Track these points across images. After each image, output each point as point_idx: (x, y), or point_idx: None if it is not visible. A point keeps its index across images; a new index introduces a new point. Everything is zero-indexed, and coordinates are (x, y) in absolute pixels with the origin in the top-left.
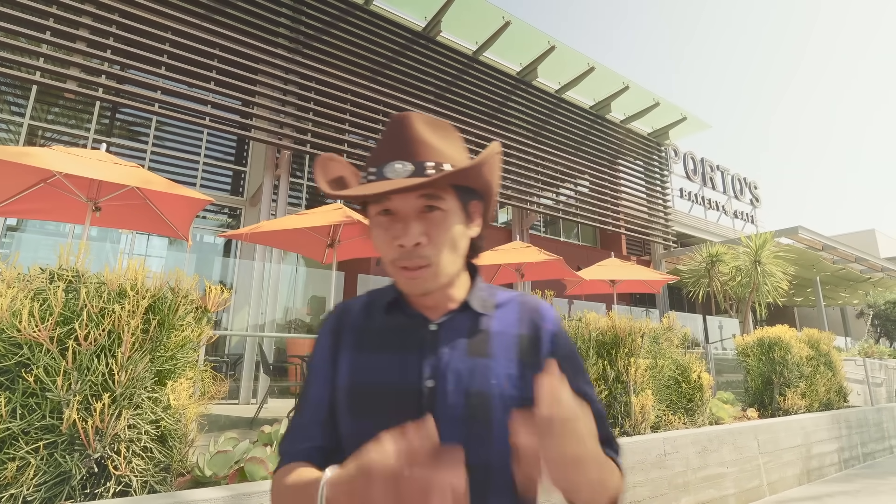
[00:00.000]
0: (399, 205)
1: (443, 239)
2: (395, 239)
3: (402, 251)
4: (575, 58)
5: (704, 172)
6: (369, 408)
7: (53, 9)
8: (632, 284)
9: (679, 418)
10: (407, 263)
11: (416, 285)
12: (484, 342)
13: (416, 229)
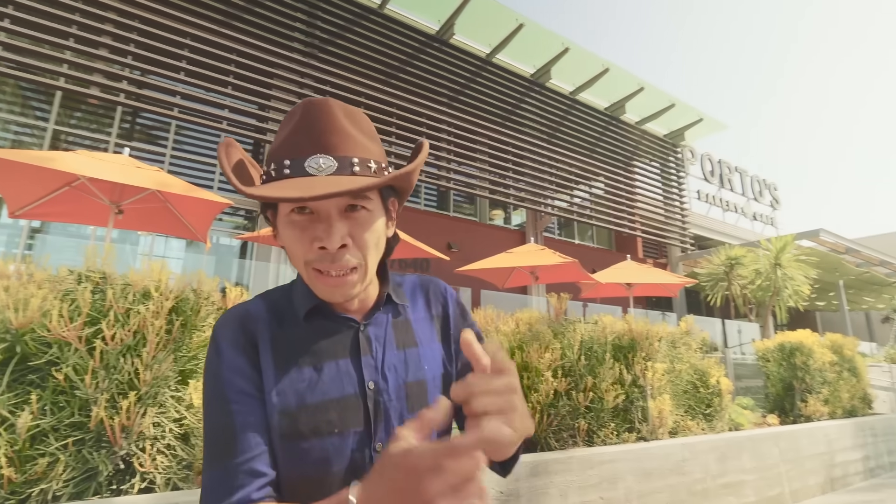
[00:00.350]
0: (320, 203)
1: (369, 240)
2: (316, 241)
3: (322, 254)
4: (589, 59)
5: (722, 174)
6: (313, 427)
7: (77, 16)
8: (648, 288)
9: (697, 424)
10: (329, 268)
11: (338, 293)
12: (408, 331)
13: (341, 230)
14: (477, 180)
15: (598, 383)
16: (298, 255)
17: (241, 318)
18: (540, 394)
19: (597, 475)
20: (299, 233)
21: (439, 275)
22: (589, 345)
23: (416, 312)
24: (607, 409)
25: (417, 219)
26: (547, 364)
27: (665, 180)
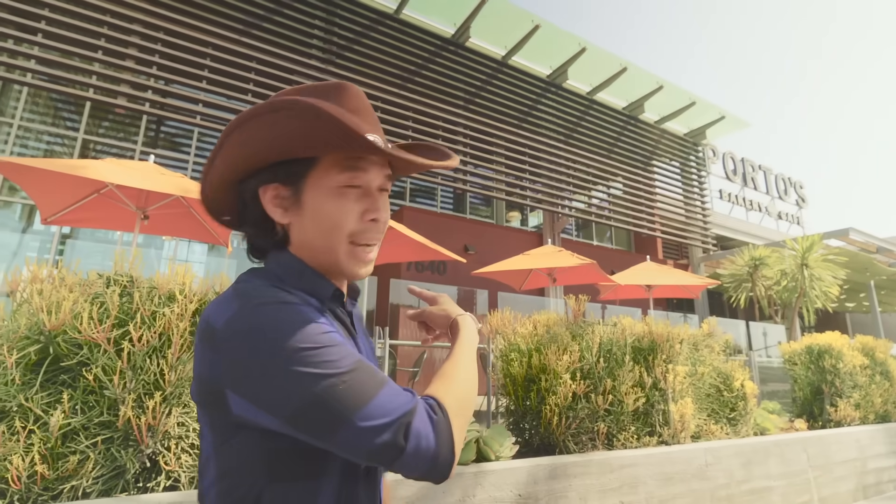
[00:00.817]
0: (373, 178)
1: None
2: (368, 213)
3: (371, 226)
4: (606, 59)
5: (745, 172)
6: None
7: (105, 30)
8: (669, 289)
9: (721, 428)
10: (375, 239)
11: (365, 269)
12: (360, 320)
13: (386, 205)
14: (493, 182)
15: (618, 386)
16: (343, 227)
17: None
18: (558, 396)
19: (617, 479)
20: (352, 204)
21: (456, 277)
22: (608, 347)
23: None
24: (627, 412)
25: (434, 221)
26: (565, 366)
27: (686, 180)
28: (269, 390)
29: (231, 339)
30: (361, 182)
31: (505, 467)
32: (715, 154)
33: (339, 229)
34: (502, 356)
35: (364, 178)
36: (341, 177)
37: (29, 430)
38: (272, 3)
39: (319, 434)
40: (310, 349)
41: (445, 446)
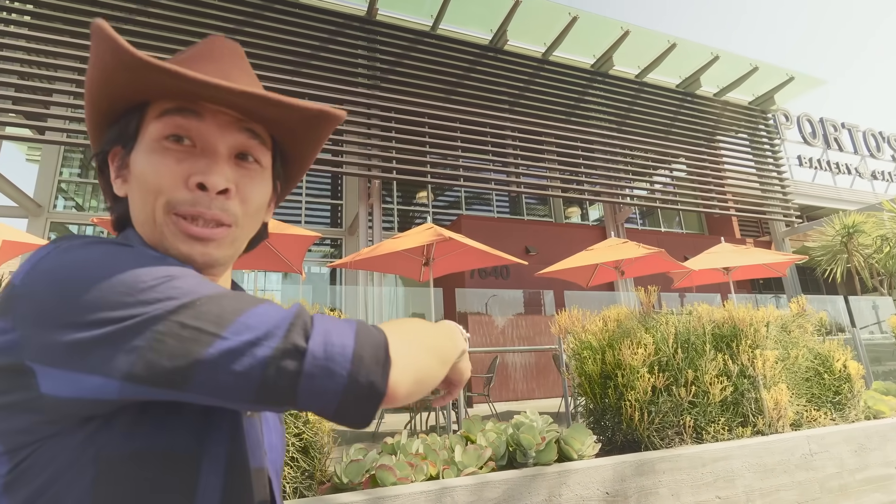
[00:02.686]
0: (210, 133)
1: (254, 198)
2: (195, 175)
3: (198, 195)
4: (652, 38)
5: (826, 133)
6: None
7: None
8: (750, 270)
9: (825, 414)
10: (200, 212)
11: (199, 250)
12: None
13: (227, 173)
14: (547, 180)
15: (700, 376)
16: (160, 193)
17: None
18: (637, 391)
19: (710, 473)
20: (172, 164)
21: (520, 280)
22: (685, 336)
23: None
24: (714, 402)
25: (491, 227)
26: (641, 360)
27: (756, 151)
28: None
29: (35, 286)
30: (190, 134)
31: (589, 466)
32: (788, 119)
33: (153, 194)
34: (574, 355)
35: (194, 128)
36: (159, 125)
37: None
38: (318, 42)
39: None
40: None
41: (370, 356)
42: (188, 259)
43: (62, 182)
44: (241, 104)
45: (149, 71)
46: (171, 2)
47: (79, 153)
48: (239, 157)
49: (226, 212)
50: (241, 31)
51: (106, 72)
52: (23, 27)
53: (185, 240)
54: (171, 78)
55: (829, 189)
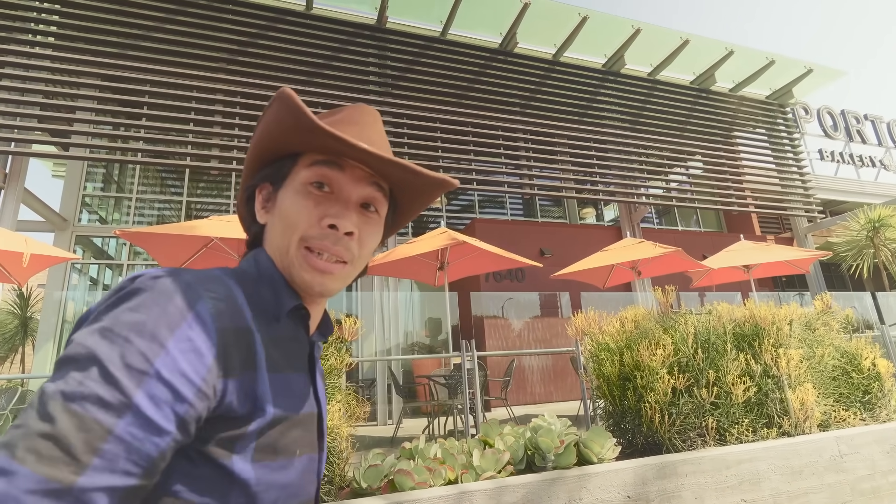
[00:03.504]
0: (346, 184)
1: (370, 242)
2: (328, 217)
3: (327, 233)
4: (664, 35)
5: (848, 126)
6: (290, 442)
7: (193, 104)
8: (772, 267)
9: (854, 414)
10: (327, 248)
11: (322, 280)
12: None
13: (354, 218)
14: (561, 182)
15: (722, 377)
16: (298, 228)
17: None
18: (657, 393)
19: (734, 476)
20: (312, 205)
21: (535, 282)
22: (705, 336)
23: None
24: (737, 403)
25: (506, 229)
26: (660, 361)
27: (775, 146)
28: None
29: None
30: (331, 183)
31: (609, 469)
32: (808, 112)
33: (291, 228)
34: (592, 357)
35: (335, 178)
36: (308, 173)
37: None
38: (329, 51)
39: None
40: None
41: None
42: (307, 287)
43: (86, 196)
44: (375, 165)
45: (322, 135)
46: (189, 18)
47: (101, 168)
48: (363, 206)
49: (348, 251)
50: (255, 43)
51: (283, 130)
52: (47, 48)
53: (310, 270)
54: (334, 141)
55: (852, 182)
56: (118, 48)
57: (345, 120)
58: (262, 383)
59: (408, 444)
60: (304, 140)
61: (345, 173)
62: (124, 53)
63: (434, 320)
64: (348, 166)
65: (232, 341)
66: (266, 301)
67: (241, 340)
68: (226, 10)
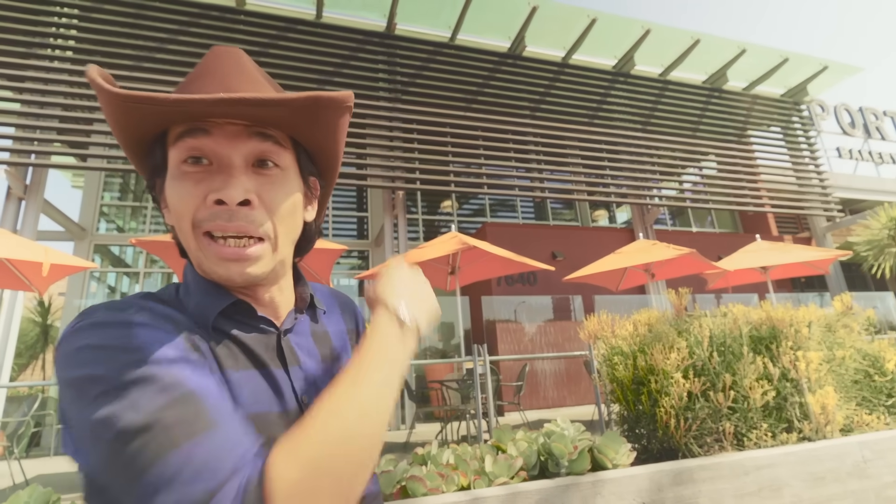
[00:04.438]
0: (221, 147)
1: (280, 203)
2: (212, 193)
3: (218, 210)
4: (675, 35)
5: (867, 122)
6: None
7: None
8: (789, 268)
9: (878, 418)
10: (225, 227)
11: (236, 269)
12: (328, 343)
13: (245, 183)
14: (572, 184)
15: (739, 381)
16: (186, 216)
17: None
18: (672, 397)
19: (754, 482)
20: (191, 186)
21: (548, 286)
22: (721, 339)
23: (332, 324)
24: (755, 408)
25: (517, 233)
26: (674, 365)
27: (791, 144)
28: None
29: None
30: (204, 152)
31: (624, 475)
32: (824, 109)
33: (182, 219)
34: (605, 361)
35: (205, 146)
36: (176, 151)
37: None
38: (340, 59)
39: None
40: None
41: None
42: (229, 281)
43: (104, 206)
44: (243, 112)
45: (132, 102)
46: (201, 29)
47: (118, 178)
48: (258, 164)
49: (252, 223)
50: (266, 52)
51: (108, 114)
52: (65, 62)
53: (220, 262)
54: (149, 104)
55: (872, 180)
56: (133, 60)
57: (198, 74)
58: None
59: (420, 449)
60: (133, 118)
61: (213, 136)
62: (139, 66)
63: (446, 325)
64: (215, 127)
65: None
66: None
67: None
68: (238, 20)
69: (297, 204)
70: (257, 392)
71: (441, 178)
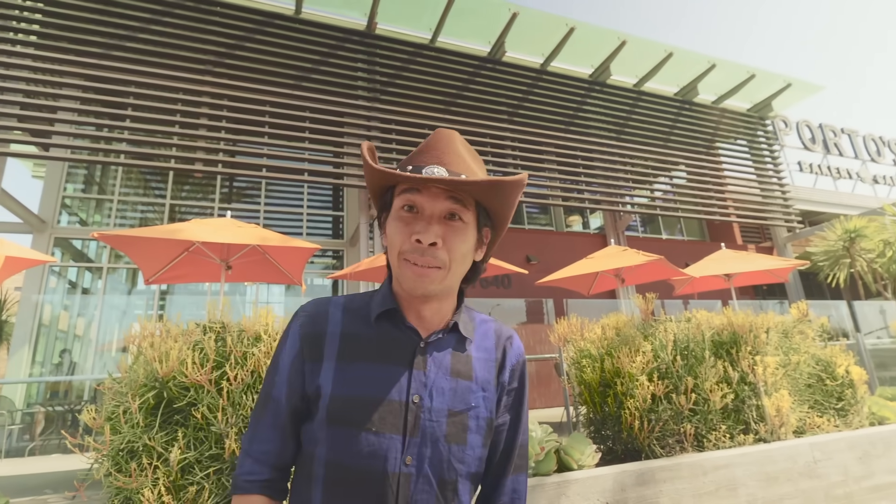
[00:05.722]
0: (426, 203)
1: (457, 247)
2: (415, 234)
3: (416, 246)
4: (649, 47)
5: (826, 139)
6: (352, 417)
7: (179, 105)
8: (752, 276)
9: (829, 421)
10: (417, 260)
11: (421, 283)
12: (466, 364)
13: (437, 230)
14: (548, 189)
15: (700, 383)
16: (396, 245)
17: (312, 313)
18: (636, 399)
19: (712, 482)
20: (403, 226)
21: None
22: (684, 343)
23: (480, 352)
24: (715, 410)
25: None
26: (640, 368)
27: (756, 157)
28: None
29: None
30: (415, 205)
31: (589, 475)
32: (787, 125)
33: (393, 248)
34: (574, 363)
35: (417, 201)
36: (398, 200)
37: (154, 465)
38: (318, 56)
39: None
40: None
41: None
42: (411, 289)
43: (66, 198)
44: (444, 183)
45: (380, 175)
46: (175, 19)
47: (82, 169)
48: (449, 217)
49: (436, 258)
50: (243, 46)
51: (366, 175)
52: (29, 47)
53: (408, 276)
54: (391, 178)
55: (830, 194)
56: (102, 48)
57: (423, 149)
58: (326, 372)
59: None
60: (383, 179)
61: (423, 195)
62: (108, 54)
63: None
64: (425, 188)
65: (308, 341)
66: (360, 309)
67: (314, 341)
68: (213, 12)
69: (470, 248)
70: (376, 378)
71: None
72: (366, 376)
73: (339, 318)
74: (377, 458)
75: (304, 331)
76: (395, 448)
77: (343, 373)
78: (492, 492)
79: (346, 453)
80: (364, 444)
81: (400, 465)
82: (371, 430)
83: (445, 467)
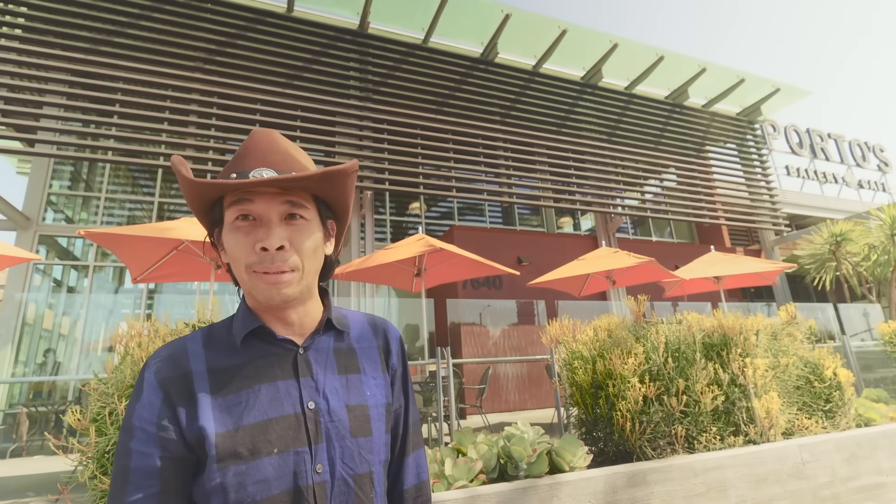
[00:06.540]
0: (262, 208)
1: (306, 245)
2: (258, 242)
3: (263, 255)
4: (641, 50)
5: (813, 144)
6: (247, 449)
7: (168, 102)
8: (740, 278)
9: (816, 422)
10: (268, 268)
11: (278, 290)
12: (352, 358)
13: (280, 233)
14: (539, 191)
15: (691, 385)
16: (241, 260)
17: (171, 357)
18: (628, 401)
19: (702, 483)
20: (242, 237)
21: (513, 290)
22: (675, 346)
23: (360, 342)
24: (706, 412)
25: (484, 237)
26: (631, 370)
27: (745, 161)
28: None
29: None
30: (251, 212)
31: (580, 477)
32: (776, 129)
33: (238, 263)
34: (566, 365)
35: (251, 208)
36: (231, 212)
37: None
38: (310, 55)
39: None
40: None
41: None
42: (268, 300)
43: (52, 195)
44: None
45: (204, 187)
46: (165, 14)
47: (69, 165)
48: (289, 217)
49: (286, 262)
50: (234, 43)
51: (185, 191)
52: (13, 40)
53: (261, 287)
54: (214, 189)
55: (816, 198)
56: (90, 43)
57: (243, 153)
58: (203, 410)
59: None
60: (210, 190)
61: (256, 202)
62: (96, 49)
63: (411, 327)
64: (257, 194)
65: (171, 385)
66: (224, 337)
67: (179, 382)
68: (204, 8)
69: (319, 243)
70: (262, 401)
71: (410, 179)
72: (250, 402)
73: (200, 354)
74: (285, 478)
75: (162, 376)
76: (304, 461)
77: (224, 407)
78: (398, 472)
79: (252, 488)
80: (269, 471)
81: (311, 475)
82: (273, 453)
83: (358, 462)
